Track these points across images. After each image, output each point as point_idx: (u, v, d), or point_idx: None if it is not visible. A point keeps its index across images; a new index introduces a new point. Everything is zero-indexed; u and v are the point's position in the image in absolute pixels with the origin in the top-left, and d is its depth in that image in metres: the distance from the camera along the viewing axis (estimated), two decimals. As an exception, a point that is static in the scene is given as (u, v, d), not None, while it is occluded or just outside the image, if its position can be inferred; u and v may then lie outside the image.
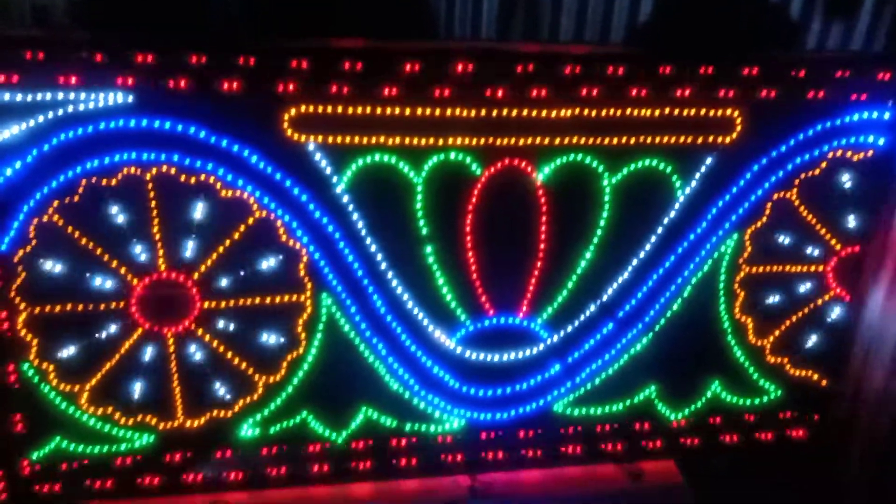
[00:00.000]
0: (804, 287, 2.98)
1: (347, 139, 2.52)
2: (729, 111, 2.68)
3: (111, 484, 2.69)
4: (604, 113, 2.59)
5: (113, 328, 2.57)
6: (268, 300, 2.65)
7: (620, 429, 3.01)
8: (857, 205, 2.89)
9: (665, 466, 3.03)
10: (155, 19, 2.29)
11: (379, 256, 2.67)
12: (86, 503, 2.68)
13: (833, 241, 2.93)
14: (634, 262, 2.81)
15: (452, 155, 2.59)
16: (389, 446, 2.88)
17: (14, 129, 2.32)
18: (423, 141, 2.56)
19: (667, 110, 2.63)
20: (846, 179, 2.85)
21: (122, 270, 2.52)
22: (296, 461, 2.82)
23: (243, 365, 2.69)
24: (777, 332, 3.03)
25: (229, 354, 2.67)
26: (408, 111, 2.50)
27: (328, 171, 2.54)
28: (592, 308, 2.85)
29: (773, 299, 2.98)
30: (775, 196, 2.84)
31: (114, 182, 2.42)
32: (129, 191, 2.44)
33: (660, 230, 2.79)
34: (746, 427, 3.10)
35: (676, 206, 2.77)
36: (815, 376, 3.09)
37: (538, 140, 2.61)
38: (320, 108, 2.46)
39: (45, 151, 2.35)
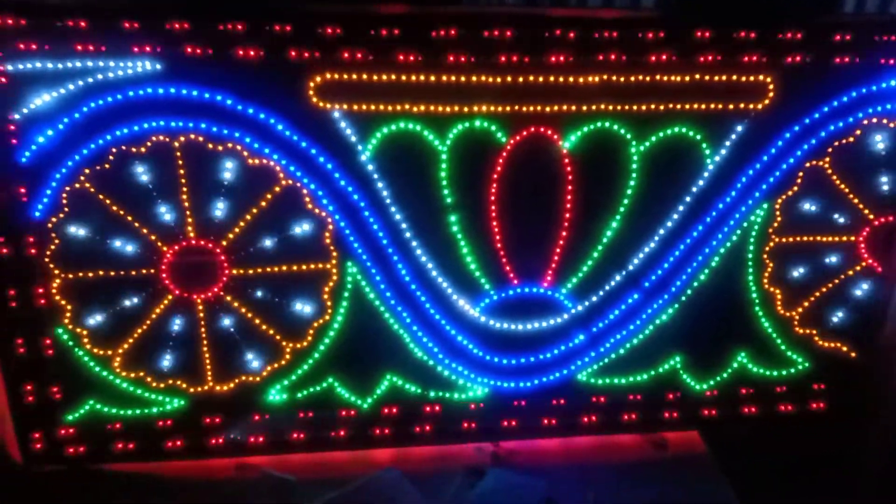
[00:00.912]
0: (835, 258, 2.93)
1: (373, 107, 2.52)
2: (761, 77, 2.62)
3: (143, 446, 2.76)
4: (632, 79, 2.56)
5: (144, 294, 2.62)
6: (294, 268, 2.67)
7: (645, 399, 3.00)
8: (891, 173, 2.82)
9: (689, 437, 3.03)
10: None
11: (403, 225, 2.68)
12: (119, 465, 2.77)
13: (866, 211, 2.86)
14: (662, 231, 2.78)
15: (477, 123, 2.58)
16: (413, 413, 2.91)
17: (45, 97, 2.37)
18: (448, 108, 2.55)
19: (697, 76, 2.58)
20: (881, 147, 2.78)
21: (152, 237, 2.57)
22: (321, 426, 2.86)
23: (271, 331, 2.73)
24: (806, 304, 2.99)
25: (257, 321, 2.71)
26: (433, 78, 2.49)
27: (353, 139, 2.55)
28: (618, 278, 2.84)
29: (803, 270, 2.93)
30: (807, 164, 2.79)
31: (143, 150, 2.46)
32: (158, 158, 2.48)
33: (688, 199, 2.75)
34: (773, 398, 3.07)
35: (705, 174, 2.73)
36: (845, 348, 3.05)
37: (564, 107, 2.58)
38: (346, 76, 2.46)
39: (76, 119, 2.40)
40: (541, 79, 2.53)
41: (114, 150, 2.45)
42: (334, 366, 2.82)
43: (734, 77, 2.61)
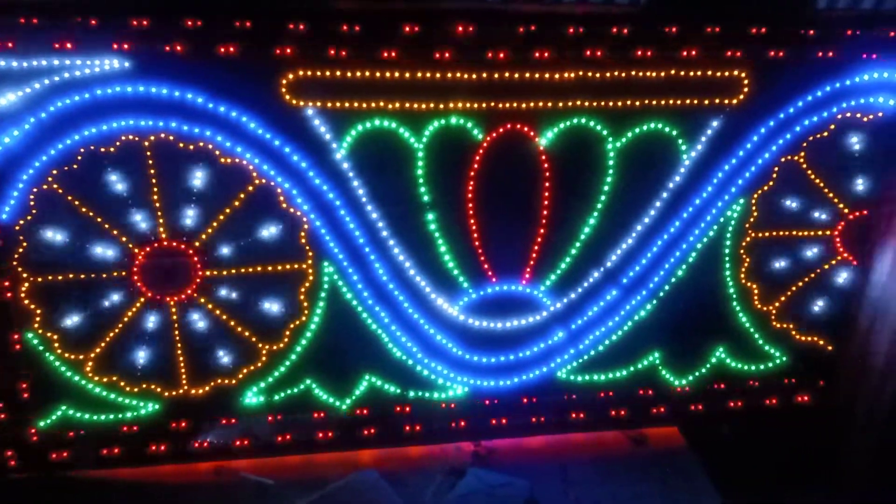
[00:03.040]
0: (811, 252, 2.94)
1: (347, 104, 2.49)
2: (736, 72, 2.63)
3: (119, 451, 2.71)
4: (608, 75, 2.55)
5: (115, 297, 2.57)
6: (269, 268, 2.64)
7: (624, 395, 3.01)
8: (866, 168, 2.84)
9: (668, 432, 3.04)
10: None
11: (380, 224, 2.65)
12: (94, 471, 2.71)
13: (841, 205, 2.89)
14: (639, 227, 2.78)
15: (454, 119, 2.56)
16: (393, 414, 2.89)
17: (10, 96, 2.31)
18: (424, 105, 2.52)
19: (672, 71, 2.58)
20: (855, 141, 2.80)
21: (123, 239, 2.52)
22: (300, 429, 2.83)
23: (246, 333, 2.69)
24: (783, 298, 3.00)
25: (232, 323, 2.67)
26: (408, 75, 2.47)
27: (327, 136, 2.52)
28: (596, 275, 2.83)
29: (780, 264, 2.95)
30: (783, 159, 2.80)
31: (112, 150, 2.41)
32: (128, 158, 2.43)
33: (665, 195, 2.76)
34: (751, 393, 3.08)
35: (682, 170, 2.73)
36: (822, 342, 3.06)
37: (541, 103, 2.57)
38: (318, 73, 2.43)
39: (43, 119, 2.34)
40: (517, 75, 2.52)
41: (82, 150, 2.40)
42: (312, 367, 2.78)
43: (709, 72, 2.61)
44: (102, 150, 2.40)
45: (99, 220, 2.48)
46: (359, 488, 2.50)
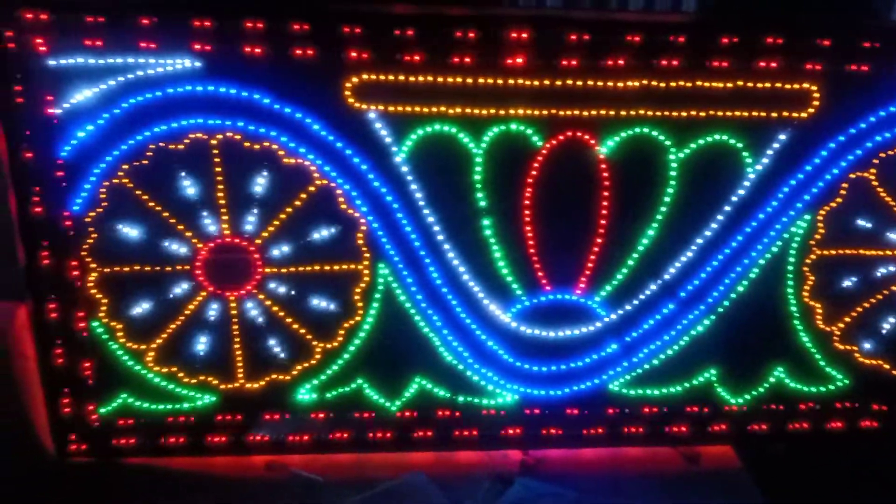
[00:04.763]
0: (879, 272, 2.84)
1: (408, 108, 2.51)
2: (806, 84, 2.56)
3: (176, 441, 2.78)
4: (673, 84, 2.51)
5: (178, 290, 2.64)
6: (326, 268, 2.67)
7: (678, 411, 2.94)
8: (941, 186, 2.74)
9: (723, 451, 2.96)
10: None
11: (436, 228, 2.66)
12: (147, 459, 2.78)
13: (913, 224, 2.78)
14: (699, 240, 2.73)
15: (514, 126, 2.55)
16: (441, 418, 2.89)
17: (86, 92, 2.40)
18: (485, 111, 2.53)
19: (740, 83, 2.53)
20: (931, 159, 2.70)
21: (188, 234, 2.58)
22: (350, 427, 2.85)
23: (302, 330, 2.73)
24: (848, 319, 2.90)
25: (288, 319, 2.71)
26: (469, 80, 2.47)
27: (388, 140, 2.54)
28: (653, 287, 2.78)
29: (845, 284, 2.85)
30: (852, 175, 2.72)
31: (181, 147, 2.48)
32: (196, 156, 2.49)
33: (728, 208, 2.70)
34: (814, 415, 2.99)
35: (746, 183, 2.67)
36: (887, 365, 2.95)
37: (603, 112, 2.55)
38: (382, 77, 2.46)
39: (116, 115, 2.42)
40: (580, 83, 2.50)
41: (152, 146, 2.47)
42: (364, 367, 2.80)
43: (778, 84, 2.55)
44: (172, 146, 2.47)
45: (165, 214, 2.55)
46: (408, 490, 2.50)
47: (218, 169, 2.51)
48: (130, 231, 2.55)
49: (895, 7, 3.03)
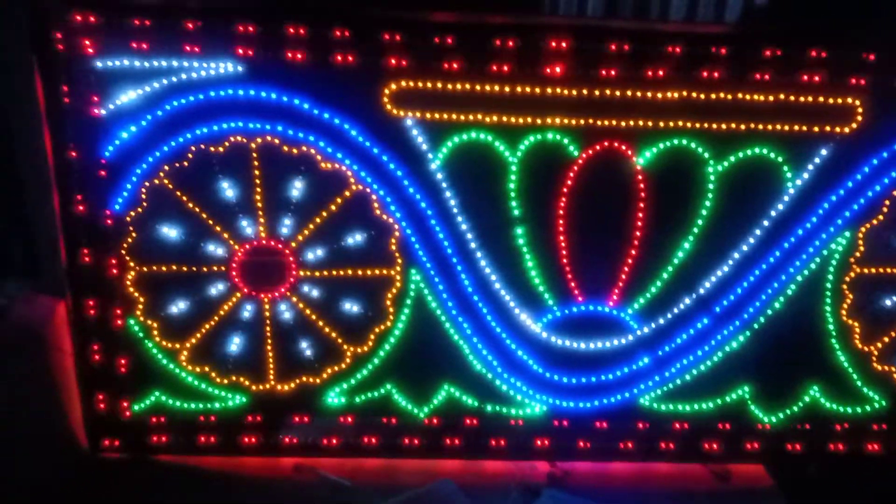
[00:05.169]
0: (921, 292, 2.78)
1: (445, 116, 2.52)
2: (850, 99, 2.52)
3: (203, 440, 2.81)
4: (713, 96, 2.49)
5: (214, 291, 2.67)
6: (359, 272, 2.69)
7: (710, 428, 2.90)
8: None
9: (754, 469, 2.90)
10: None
11: (469, 235, 2.66)
12: (177, 457, 2.82)
13: (958, 244, 2.72)
14: (736, 255, 2.69)
15: (550, 135, 2.55)
16: (469, 426, 2.87)
17: (131, 94, 2.44)
18: (521, 120, 2.53)
19: (781, 96, 2.50)
20: (978, 177, 2.64)
21: (226, 235, 2.62)
22: (378, 432, 2.85)
23: (333, 334, 2.75)
24: (887, 339, 2.84)
25: (321, 323, 2.73)
26: (507, 89, 2.48)
27: (424, 147, 2.55)
28: (687, 301, 2.75)
29: (886, 303, 2.79)
30: (894, 193, 2.66)
31: (221, 149, 2.51)
32: (235, 159, 2.53)
33: (766, 223, 2.66)
34: (845, 436, 2.93)
35: (785, 198, 2.63)
36: (927, 388, 2.88)
37: (640, 122, 2.53)
38: (420, 84, 2.47)
39: (159, 117, 2.47)
40: (618, 93, 2.49)
41: (193, 148, 2.51)
42: (393, 373, 2.81)
43: (821, 99, 2.52)
44: (212, 149, 2.51)
45: (204, 216, 2.59)
46: (435, 497, 2.49)
47: (256, 172, 2.54)
48: (169, 231, 2.59)
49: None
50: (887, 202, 2.67)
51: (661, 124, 2.53)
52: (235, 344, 2.73)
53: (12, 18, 2.33)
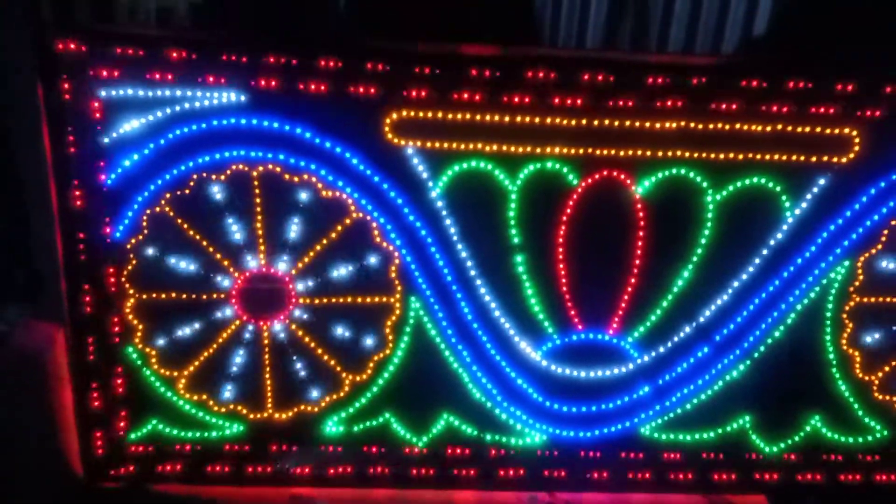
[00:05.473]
0: (922, 321, 2.78)
1: (445, 145, 2.54)
2: (847, 129, 2.54)
3: (199, 469, 2.78)
4: (711, 126, 2.51)
5: (212, 318, 2.67)
6: (359, 300, 2.69)
7: (710, 458, 2.88)
8: None
9: (755, 501, 2.88)
10: (272, 22, 2.38)
11: (469, 263, 2.66)
12: (175, 486, 2.78)
13: (957, 274, 2.72)
14: (735, 283, 2.69)
15: (549, 164, 2.57)
16: (467, 455, 2.85)
17: (134, 122, 2.46)
18: (521, 149, 2.55)
19: (779, 126, 2.52)
20: (976, 207, 2.65)
21: (226, 263, 2.62)
22: (375, 462, 2.83)
23: (332, 362, 2.74)
24: (887, 368, 2.83)
25: (319, 351, 2.72)
26: (506, 118, 2.50)
27: (424, 175, 2.57)
28: (687, 329, 2.75)
29: (886, 333, 2.79)
30: (893, 222, 2.67)
31: (222, 177, 2.53)
32: (236, 187, 2.54)
33: (765, 252, 2.66)
34: (847, 466, 2.90)
35: (784, 227, 2.64)
36: (930, 418, 2.87)
37: (639, 152, 2.55)
38: (420, 114, 2.49)
39: (161, 145, 2.48)
40: (616, 123, 2.51)
41: (195, 176, 2.52)
42: (392, 401, 2.80)
43: (818, 129, 2.54)
44: (214, 177, 2.52)
45: (204, 243, 2.59)
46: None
47: (257, 200, 2.55)
48: (169, 259, 2.59)
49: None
50: (885, 232, 2.68)
51: (660, 154, 2.54)
52: (233, 372, 2.72)
53: (13, 67, 2.33)
